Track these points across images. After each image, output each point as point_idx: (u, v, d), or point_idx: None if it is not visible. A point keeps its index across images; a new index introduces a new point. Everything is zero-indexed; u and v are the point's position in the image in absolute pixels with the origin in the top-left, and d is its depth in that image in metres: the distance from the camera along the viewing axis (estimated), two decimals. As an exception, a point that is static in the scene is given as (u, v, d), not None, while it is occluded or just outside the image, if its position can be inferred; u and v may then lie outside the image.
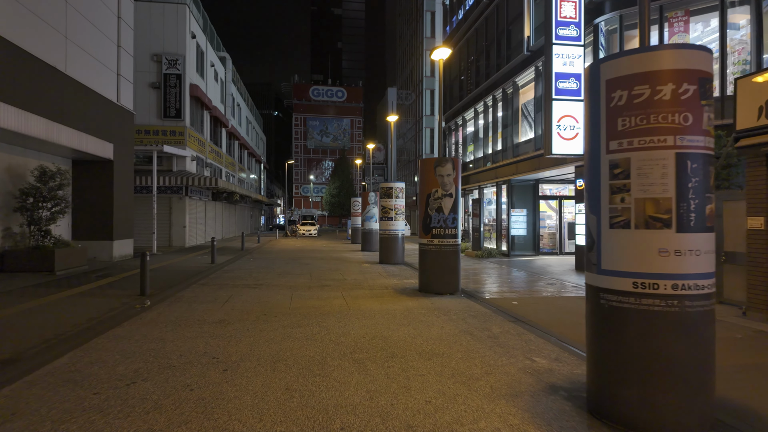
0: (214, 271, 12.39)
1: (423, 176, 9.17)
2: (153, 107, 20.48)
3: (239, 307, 7.48)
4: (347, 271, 12.54)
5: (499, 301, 8.32)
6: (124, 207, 14.50)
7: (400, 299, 8.33)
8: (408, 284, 10.25)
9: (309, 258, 16.63)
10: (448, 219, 8.92)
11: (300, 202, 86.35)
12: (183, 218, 20.65)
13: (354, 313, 7.04)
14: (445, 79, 26.82)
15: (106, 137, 13.24)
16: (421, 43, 41.60)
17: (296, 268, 13.14)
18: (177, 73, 20.44)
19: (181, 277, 11.05)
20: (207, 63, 24.80)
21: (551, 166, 14.18)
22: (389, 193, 14.81)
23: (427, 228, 9.00)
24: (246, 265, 14.04)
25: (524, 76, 16.43)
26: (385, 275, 11.87)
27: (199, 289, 9.33)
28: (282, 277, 11.17)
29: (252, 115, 45.21)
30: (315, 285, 9.98)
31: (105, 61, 13.27)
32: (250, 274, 11.80)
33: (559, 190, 18.04)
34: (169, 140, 20.35)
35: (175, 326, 6.12)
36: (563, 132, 11.98)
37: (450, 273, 8.98)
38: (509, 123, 17.65)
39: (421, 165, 9.29)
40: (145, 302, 7.67)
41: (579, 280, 10.99)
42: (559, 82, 12.01)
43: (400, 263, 14.79)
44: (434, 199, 8.95)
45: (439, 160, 8.99)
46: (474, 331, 6.02)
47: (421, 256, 9.19)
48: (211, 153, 25.72)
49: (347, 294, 8.84)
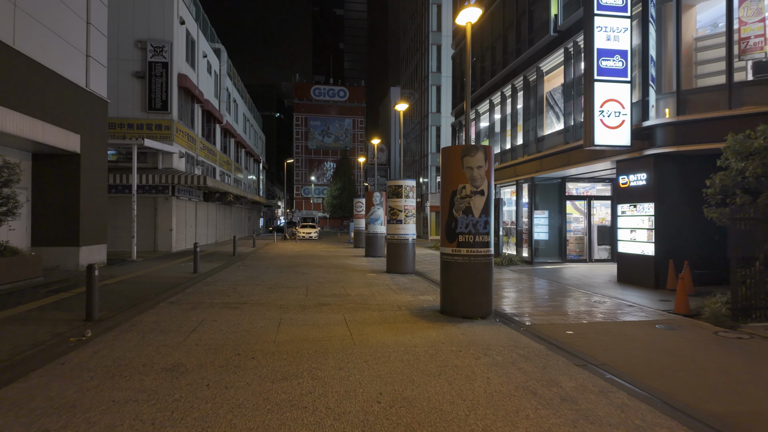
0: (193, 283, 10.53)
1: (447, 169, 7.29)
2: (137, 99, 18.67)
3: (207, 340, 5.61)
4: (350, 284, 10.66)
5: (547, 329, 6.43)
6: (95, 208, 12.66)
7: (420, 327, 6.45)
8: (425, 303, 8.36)
9: (307, 266, 14.76)
10: (478, 223, 7.04)
11: (301, 204, 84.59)
12: (169, 220, 18.81)
13: (361, 352, 5.16)
14: (455, 70, 24.97)
15: (71, 127, 11.41)
16: (427, 38, 39.80)
17: (291, 279, 11.27)
18: (163, 61, 18.64)
19: (150, 291, 9.19)
20: (198, 53, 23.00)
21: (585, 161, 12.30)
22: (398, 192, 12.94)
23: (452, 234, 7.13)
24: (233, 275, 12.18)
25: (550, 61, 14.56)
26: (396, 289, 9.99)
27: (166, 309, 7.46)
28: (272, 292, 9.30)
29: (250, 112, 43.44)
30: (311, 303, 8.11)
31: (70, 39, 11.44)
32: (235, 287, 9.93)
33: (587, 190, 16.14)
34: (154, 135, 18.53)
35: (105, 378, 4.26)
36: (607, 119, 10.10)
37: (482, 292, 7.10)
38: (532, 114, 15.78)
39: (445, 155, 7.41)
40: (85, 332, 5.81)
41: (629, 296, 9.10)
42: (602, 60, 10.14)
43: (411, 272, 12.91)
44: (461, 197, 7.08)
45: (467, 148, 7.12)
46: (537, 388, 4.14)
47: (444, 269, 7.31)
48: (203, 150, 23.90)
49: (351, 318, 6.96)
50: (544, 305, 8.27)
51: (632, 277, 10.72)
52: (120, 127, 18.35)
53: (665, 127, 9.84)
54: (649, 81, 10.14)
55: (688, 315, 7.46)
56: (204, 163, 24.36)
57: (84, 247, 12.01)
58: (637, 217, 10.60)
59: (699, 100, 9.51)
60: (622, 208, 11.09)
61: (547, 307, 8.13)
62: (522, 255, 15.98)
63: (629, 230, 10.84)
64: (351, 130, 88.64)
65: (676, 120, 9.63)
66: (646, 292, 9.76)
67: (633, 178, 10.66)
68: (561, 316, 7.33)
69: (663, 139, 9.86)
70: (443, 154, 7.45)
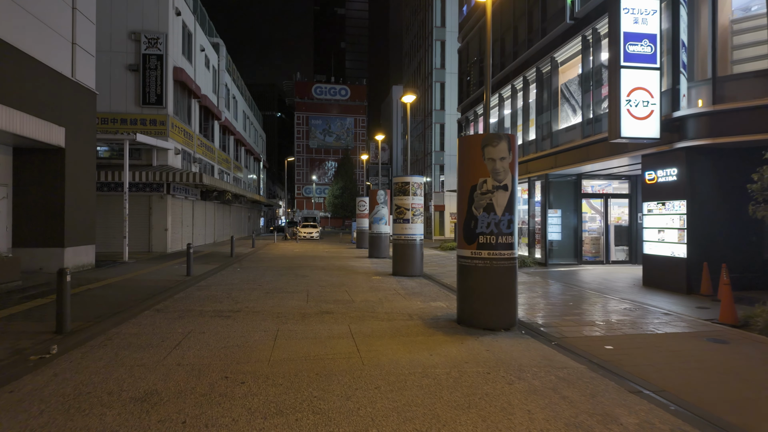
0: (185, 287, 9.73)
1: (465, 162, 6.48)
2: (131, 92, 17.88)
3: (191, 358, 4.80)
4: (355, 288, 9.85)
5: (582, 344, 5.61)
6: (83, 207, 11.87)
7: (437, 341, 5.63)
8: (438, 310, 7.54)
9: (308, 267, 13.95)
10: (501, 222, 6.22)
11: (302, 203, 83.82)
12: (164, 220, 18.02)
13: (371, 375, 4.35)
14: (461, 64, 24.13)
15: (55, 119, 10.61)
16: (431, 33, 38.95)
17: (291, 283, 10.46)
18: (158, 53, 17.84)
19: (137, 297, 8.39)
20: (196, 46, 22.21)
21: (606, 156, 11.47)
22: (405, 189, 12.12)
23: (471, 235, 6.31)
24: (229, 278, 11.37)
25: (566, 51, 13.73)
26: (404, 294, 9.17)
27: (150, 319, 6.66)
28: (270, 298, 8.49)
29: (250, 110, 42.66)
30: (312, 311, 7.30)
31: (53, 25, 10.65)
32: (230, 292, 9.12)
33: (603, 187, 15.31)
34: (148, 130, 17.74)
35: (59, 412, 3.46)
36: (634, 109, 9.27)
37: (505, 300, 6.28)
38: (545, 108, 14.94)
39: (463, 146, 6.60)
40: (50, 348, 5.01)
41: (661, 303, 8.27)
42: (629, 44, 9.31)
43: (419, 275, 12.09)
44: (481, 193, 6.26)
45: (488, 137, 6.30)
46: (593, 426, 3.34)
47: (462, 274, 6.49)
48: (200, 147, 23.11)
49: (358, 329, 6.14)
50: (571, 313, 7.45)
51: (660, 280, 9.88)
52: (113, 122, 17.57)
53: (699, 117, 9.01)
54: (680, 68, 9.31)
55: (736, 326, 6.64)
56: (202, 161, 23.57)
57: (69, 249, 11.22)
58: (665, 216, 9.77)
59: (738, 88, 8.68)
60: (648, 206, 10.26)
61: (575, 315, 7.31)
62: (534, 256, 15.16)
63: (657, 230, 10.01)
64: (353, 129, 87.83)
65: (711, 109, 8.80)
66: (678, 297, 8.93)
67: (661, 173, 9.82)
68: (593, 327, 6.51)
69: (696, 131, 9.03)
70: (461, 145, 6.64)
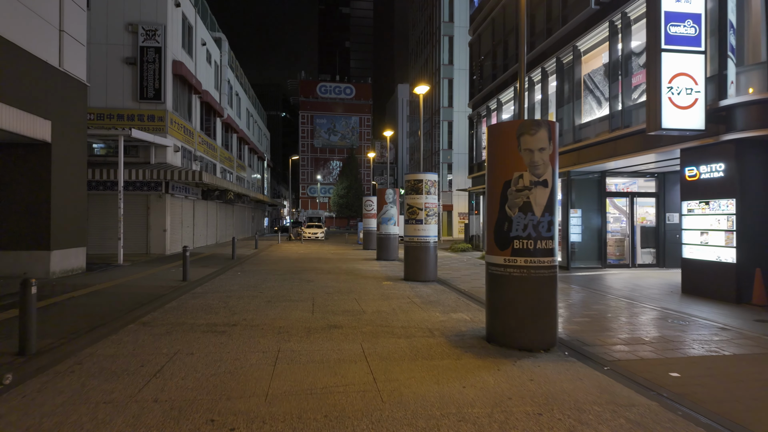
0: (179, 293, 8.87)
1: (496, 154, 5.57)
2: (128, 87, 17.09)
3: (172, 391, 3.92)
4: (365, 296, 8.96)
5: (640, 369, 4.69)
6: (72, 206, 11.06)
7: (468, 366, 4.72)
8: (462, 324, 6.63)
9: (313, 271, 13.08)
10: (541, 224, 5.31)
11: (307, 203, 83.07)
12: (163, 220, 17.21)
13: (394, 418, 3.44)
14: (473, 58, 23.18)
15: (40, 112, 9.79)
16: (438, 29, 38.01)
17: (294, 290, 9.58)
18: (156, 45, 17.03)
19: (123, 306, 7.54)
20: (196, 40, 21.40)
21: (637, 150, 10.52)
22: (417, 187, 11.21)
23: (505, 239, 5.39)
24: (228, 283, 10.51)
25: (590, 39, 12.77)
26: (420, 303, 8.26)
27: (133, 335, 5.79)
28: (271, 308, 7.61)
29: (254, 108, 41.89)
30: (318, 326, 6.41)
31: (37, 9, 9.82)
32: (227, 300, 8.25)
33: (627, 186, 14.34)
34: (146, 126, 16.94)
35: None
36: (676, 97, 8.32)
37: (545, 315, 5.36)
38: (566, 100, 13.99)
39: (494, 135, 5.68)
40: (5, 377, 4.15)
41: (710, 314, 7.32)
42: (671, 25, 8.35)
43: (433, 280, 11.18)
44: (517, 190, 5.34)
45: (526, 124, 5.39)
46: None
47: (494, 285, 5.57)
48: (201, 145, 22.31)
49: (372, 349, 5.25)
50: (612, 328, 6.52)
51: (703, 288, 8.92)
52: (109, 117, 16.79)
53: (749, 106, 8.04)
54: (728, 51, 8.35)
55: (812, 344, 5.68)
56: (203, 159, 22.78)
57: (56, 252, 10.40)
58: (710, 217, 8.80)
59: (797, 72, 7.71)
60: (688, 206, 9.29)
61: (617, 330, 6.37)
62: (554, 259, 14.19)
63: (699, 232, 9.04)
64: (358, 128, 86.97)
65: (764, 97, 7.83)
66: (728, 308, 7.97)
67: (705, 169, 8.86)
68: (644, 345, 5.58)
69: (746, 121, 8.06)
70: (491, 135, 5.72)
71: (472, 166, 22.65)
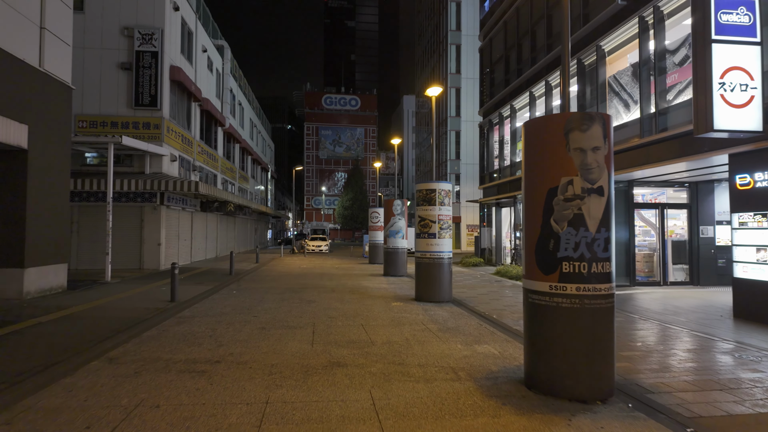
0: (163, 318, 7.83)
1: (538, 154, 4.54)
2: (122, 93, 16.29)
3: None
4: (372, 320, 7.87)
5: (733, 429, 3.58)
6: (51, 219, 10.11)
7: (511, 429, 3.62)
8: (490, 360, 5.52)
9: (315, 289, 12.01)
10: (596, 242, 4.25)
11: (311, 215, 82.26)
12: (158, 233, 16.25)
13: None
14: (483, 64, 22.29)
15: (14, 115, 8.89)
16: (446, 37, 37.34)
17: (293, 312, 8.51)
18: (153, 50, 16.26)
19: (93, 335, 6.51)
20: (197, 47, 20.68)
21: (673, 157, 9.46)
22: (430, 197, 10.17)
23: (550, 260, 4.33)
24: (220, 304, 9.46)
25: (616, 37, 11.80)
26: (436, 330, 7.17)
27: (92, 377, 4.74)
28: (264, 337, 6.55)
29: (258, 118, 41.23)
30: (319, 363, 5.33)
31: (12, 1, 8.97)
32: (215, 327, 7.20)
33: (655, 196, 13.25)
34: (141, 134, 16.09)
35: None
36: (729, 94, 7.28)
37: (602, 357, 4.27)
38: (589, 104, 12.98)
39: (533, 132, 4.66)
40: None
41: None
42: (722, 13, 7.35)
43: (447, 301, 10.08)
44: (566, 199, 4.29)
45: (576, 118, 4.36)
46: None
47: (535, 317, 4.49)
48: (201, 155, 21.44)
49: (384, 399, 4.16)
50: (673, 365, 5.39)
51: (761, 312, 7.77)
52: (102, 125, 15.95)
53: (816, 104, 6.98)
54: (787, 42, 7.31)
55: None
56: (203, 169, 21.90)
57: (32, 269, 9.42)
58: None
59: None
60: (740, 219, 8.17)
61: (681, 369, 5.25)
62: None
63: (755, 248, 7.92)
64: (363, 140, 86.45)
65: (836, 93, 6.77)
66: (798, 338, 6.82)
67: (761, 176, 7.77)
68: (724, 393, 4.46)
69: (813, 122, 6.99)
70: (530, 132, 4.69)
71: (483, 176, 21.62)
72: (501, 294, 11.40)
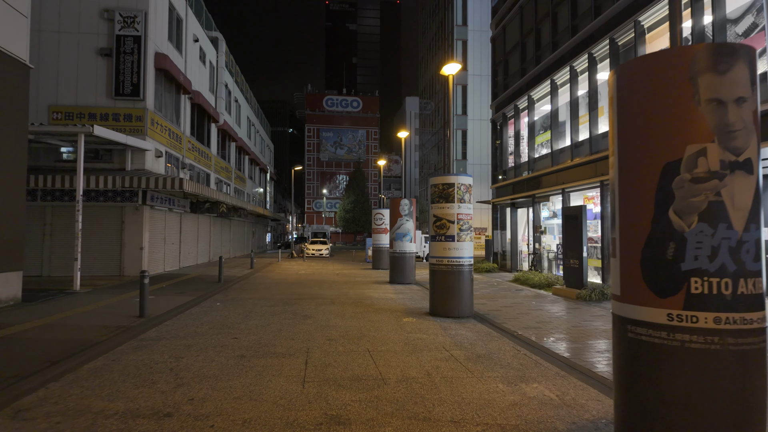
0: (120, 340, 6.28)
1: (641, 113, 2.97)
2: (101, 82, 14.80)
3: None
4: (382, 344, 6.31)
5: None
6: (3, 221, 8.57)
7: None
8: (552, 410, 3.94)
9: (313, 299, 10.45)
10: (744, 247, 2.69)
11: (312, 218, 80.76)
12: (139, 237, 14.70)
13: None
14: (496, 54, 20.77)
15: (-51, 92, 7.37)
16: (451, 33, 35.90)
17: (284, 333, 6.95)
18: (135, 34, 14.78)
19: (18, 369, 4.98)
20: (187, 35, 19.22)
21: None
22: (447, 194, 8.62)
23: (669, 274, 2.78)
24: (198, 320, 7.90)
25: (658, 11, 10.26)
26: (464, 359, 5.60)
27: (-30, 448, 3.19)
28: (241, 371, 4.99)
29: (257, 117, 39.78)
30: (310, 418, 3.76)
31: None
32: (182, 355, 5.63)
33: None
34: (122, 127, 14.59)
35: None
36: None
37: (755, 425, 2.68)
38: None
39: (630, 79, 3.10)
40: None
41: None
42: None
43: (468, 316, 8.50)
44: (694, 179, 2.73)
45: (709, 53, 2.80)
46: None
47: (641, 362, 2.92)
48: (191, 152, 19.94)
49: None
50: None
51: None
52: (79, 116, 14.46)
53: None
54: None
55: None
56: (194, 168, 20.38)
57: (-28, 278, 7.87)
58: None
59: None
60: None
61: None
62: (610, 283, 11.49)
63: None
64: (364, 142, 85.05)
65: None
66: None
67: None
68: None
69: None
70: (626, 81, 3.13)
71: (496, 175, 20.06)
72: (528, 306, 9.83)
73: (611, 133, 3.26)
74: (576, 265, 11.05)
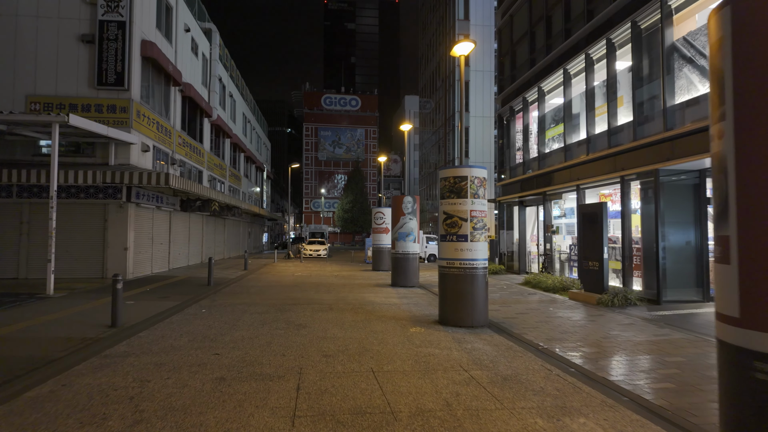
0: (81, 357, 5.34)
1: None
2: (83, 71, 13.83)
3: None
4: (388, 361, 5.37)
5: None
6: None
7: None
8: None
9: (309, 305, 9.52)
10: None
11: (310, 218, 79.75)
12: (124, 236, 13.74)
13: None
14: (502, 45, 19.87)
15: None
16: (452, 28, 35.00)
17: (274, 347, 6.02)
18: (119, 20, 13.82)
19: (-63, 400, 4.01)
20: (177, 24, 18.25)
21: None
22: (459, 188, 7.70)
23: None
24: (176, 331, 6.95)
25: (688, -12, 9.38)
26: (488, 383, 4.67)
27: None
28: (216, 401, 4.05)
29: (253, 114, 38.80)
30: (300, 475, 2.83)
31: None
32: (149, 377, 4.69)
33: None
34: (105, 118, 13.63)
35: None
36: None
37: None
38: (649, 77, 10.54)
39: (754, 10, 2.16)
40: None
41: None
42: None
43: (483, 325, 7.58)
44: None
45: None
46: None
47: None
48: (182, 147, 18.97)
49: None
50: None
51: None
52: (59, 107, 13.48)
53: None
54: None
55: None
56: (185, 164, 19.42)
57: None
58: None
59: None
60: None
61: None
62: (632, 288, 10.61)
63: None
64: (363, 141, 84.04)
65: None
66: None
67: None
68: None
69: None
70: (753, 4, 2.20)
71: (503, 172, 19.15)
72: (546, 313, 8.91)
73: (717, 92, 2.34)
74: (595, 267, 10.13)
